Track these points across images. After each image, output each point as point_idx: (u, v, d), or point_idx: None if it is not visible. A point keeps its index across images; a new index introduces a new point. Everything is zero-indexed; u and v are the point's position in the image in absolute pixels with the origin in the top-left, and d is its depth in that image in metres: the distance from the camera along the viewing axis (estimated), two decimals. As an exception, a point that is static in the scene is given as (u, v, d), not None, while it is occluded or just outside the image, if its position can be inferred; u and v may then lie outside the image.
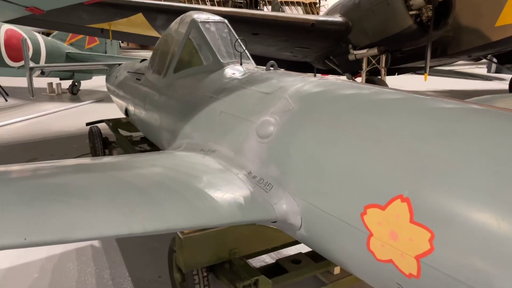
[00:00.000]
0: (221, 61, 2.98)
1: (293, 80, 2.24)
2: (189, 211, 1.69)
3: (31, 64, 5.49)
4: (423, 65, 9.21)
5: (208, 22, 3.25)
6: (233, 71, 2.84)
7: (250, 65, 3.05)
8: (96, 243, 3.41)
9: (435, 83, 14.64)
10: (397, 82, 10.49)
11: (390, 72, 9.39)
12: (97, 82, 11.87)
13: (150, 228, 1.58)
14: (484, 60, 12.34)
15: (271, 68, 2.66)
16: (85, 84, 11.52)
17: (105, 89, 11.36)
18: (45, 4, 3.49)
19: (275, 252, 2.96)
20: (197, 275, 2.28)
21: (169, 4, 6.89)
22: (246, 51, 3.08)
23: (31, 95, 5.16)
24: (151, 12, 6.51)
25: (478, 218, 1.12)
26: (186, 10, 5.37)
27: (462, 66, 18.32)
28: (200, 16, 3.27)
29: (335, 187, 1.55)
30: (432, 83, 14.59)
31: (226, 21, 3.33)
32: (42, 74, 5.69)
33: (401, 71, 10.19)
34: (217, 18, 3.34)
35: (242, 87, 2.49)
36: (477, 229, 1.11)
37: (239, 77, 2.67)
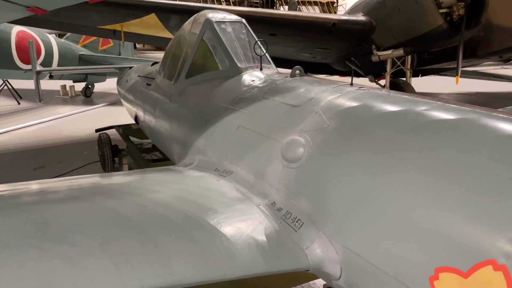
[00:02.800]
0: (239, 65, 2.63)
1: (325, 89, 1.87)
2: (200, 260, 1.34)
3: (39, 67, 5.24)
4: (450, 67, 8.72)
5: (224, 22, 2.90)
6: (252, 77, 2.48)
7: (272, 70, 2.69)
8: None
9: (459, 85, 14.04)
10: (422, 84, 10.02)
11: (414, 74, 8.93)
12: (111, 85, 11.65)
13: (149, 284, 1.23)
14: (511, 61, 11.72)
15: (297, 74, 2.29)
16: (98, 87, 11.33)
17: (118, 92, 11.16)
18: (47, 3, 3.20)
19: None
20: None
21: (183, 3, 6.58)
22: (266, 54, 2.72)
23: (39, 99, 4.90)
24: (164, 12, 6.21)
25: None
26: (200, 9, 5.05)
27: (486, 66, 17.59)
28: (215, 16, 2.93)
29: (392, 235, 1.18)
30: (456, 85, 14.00)
31: (243, 20, 2.99)
32: (51, 77, 5.47)
33: (424, 73, 9.72)
34: (234, 17, 2.99)
35: (263, 97, 2.12)
36: None
37: (260, 85, 2.31)
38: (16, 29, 7.66)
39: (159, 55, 22.54)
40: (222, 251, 1.38)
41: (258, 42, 2.71)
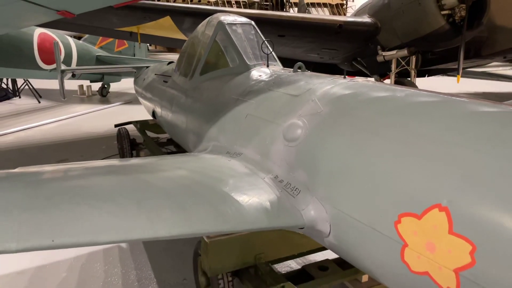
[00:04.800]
0: (248, 63, 2.94)
1: (322, 82, 2.18)
2: (215, 216, 1.65)
3: (63, 67, 5.64)
4: (455, 67, 8.93)
5: (235, 24, 3.22)
6: (260, 73, 2.80)
7: (277, 67, 3.00)
8: (123, 244, 3.44)
9: (467, 85, 14.19)
10: (428, 84, 10.20)
11: (420, 74, 9.14)
12: (126, 85, 12.12)
13: (175, 232, 1.55)
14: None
15: (299, 70, 2.61)
16: (114, 86, 11.78)
17: (134, 91, 11.62)
18: (76, 7, 3.56)
19: (301, 258, 2.90)
20: (222, 279, 2.25)
21: (196, 7, 6.93)
22: (273, 52, 3.04)
23: (63, 97, 5.29)
24: (178, 15, 6.56)
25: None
26: (213, 12, 5.39)
27: (495, 67, 17.65)
28: (226, 18, 3.25)
29: (367, 193, 1.49)
30: (464, 85, 14.14)
31: (253, 22, 3.30)
32: (73, 76, 5.85)
33: (431, 73, 9.91)
34: (244, 19, 3.31)
35: (269, 89, 2.44)
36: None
37: (266, 79, 2.63)
38: (38, 31, 8.10)
39: (170, 56, 23.04)
40: (233, 210, 1.70)
41: (266, 41, 3.02)
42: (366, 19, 7.36)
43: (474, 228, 1.13)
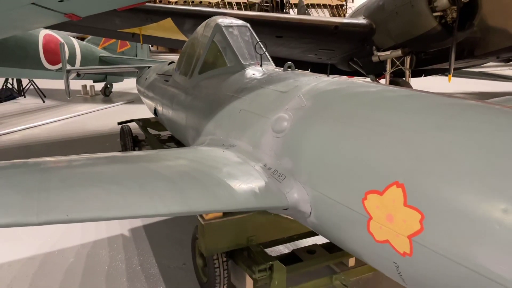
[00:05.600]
0: (243, 62, 3.17)
1: (308, 79, 2.40)
2: (209, 197, 1.87)
3: (68, 67, 5.87)
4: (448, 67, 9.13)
5: (231, 26, 3.45)
6: (253, 72, 3.02)
7: (270, 66, 3.22)
8: (126, 233, 3.67)
9: (464, 85, 14.38)
10: (424, 83, 10.40)
11: (417, 74, 9.34)
12: (128, 85, 12.36)
13: (174, 210, 1.78)
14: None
15: (289, 69, 2.83)
16: (116, 86, 12.02)
17: (136, 91, 11.82)
18: (82, 11, 3.79)
19: (291, 244, 3.12)
20: (217, 259, 2.47)
21: (196, 9, 7.16)
22: (266, 53, 3.26)
23: (68, 95, 5.52)
24: (179, 17, 6.79)
25: (465, 201, 1.24)
26: (212, 14, 5.60)
27: (493, 67, 17.83)
28: (224, 21, 3.48)
29: (340, 176, 1.71)
30: (461, 85, 14.34)
31: (248, 25, 3.52)
32: (78, 76, 6.08)
33: (428, 73, 10.09)
34: (240, 22, 3.53)
35: (261, 86, 2.66)
36: (463, 211, 1.23)
37: (259, 77, 2.85)
38: (43, 32, 8.35)
39: (172, 56, 23.27)
40: (225, 192, 1.92)
41: (259, 42, 3.25)
42: (361, 20, 7.57)
43: (423, 200, 1.35)
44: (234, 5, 23.47)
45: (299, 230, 2.68)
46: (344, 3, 26.19)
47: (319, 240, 2.90)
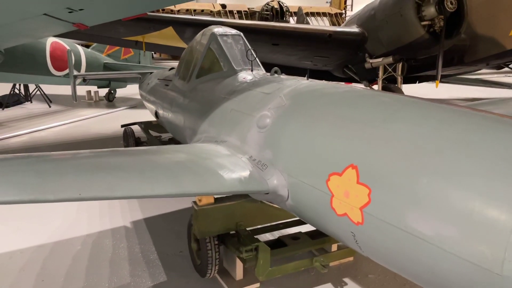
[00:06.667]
0: (235, 68, 3.49)
1: (290, 82, 2.72)
2: (200, 182, 2.19)
3: (75, 73, 6.22)
4: (444, 73, 9.44)
5: (226, 35, 3.78)
6: (245, 76, 3.34)
7: (260, 71, 3.54)
8: (128, 224, 3.98)
9: (458, 91, 14.69)
10: (417, 90, 10.71)
11: (411, 80, 9.67)
12: (131, 90, 12.74)
13: (170, 191, 2.09)
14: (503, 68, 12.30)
15: (275, 74, 3.15)
16: (120, 92, 12.40)
17: (138, 97, 12.15)
18: (90, 20, 4.13)
19: (278, 232, 3.41)
20: (209, 242, 2.77)
21: (195, 18, 7.54)
22: (257, 59, 3.58)
23: (75, 100, 5.86)
24: (180, 25, 7.16)
25: (400, 177, 1.55)
26: (210, 23, 5.95)
27: (489, 74, 18.16)
28: (219, 30, 3.81)
29: (309, 163, 2.02)
30: (456, 92, 14.65)
31: (241, 34, 3.85)
32: (84, 81, 6.41)
33: (422, 79, 10.40)
34: (234, 31, 3.86)
35: (249, 89, 2.98)
36: (398, 185, 1.54)
37: (248, 81, 3.17)
38: (51, 40, 8.73)
39: (173, 63, 23.65)
40: (214, 178, 2.23)
41: (251, 49, 3.57)
42: (354, 29, 7.92)
43: (371, 177, 1.66)
44: (235, 13, 23.95)
45: (283, 217, 2.98)
46: (344, 11, 26.68)
47: (304, 229, 3.20)
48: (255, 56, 3.54)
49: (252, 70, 3.47)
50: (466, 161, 1.39)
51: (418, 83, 10.55)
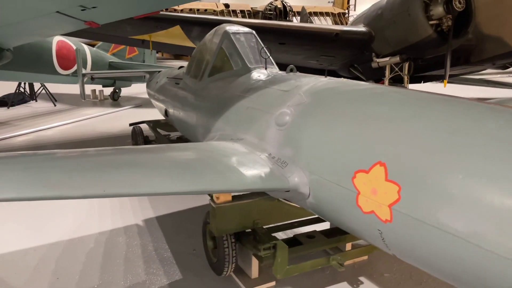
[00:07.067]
0: (249, 66, 3.49)
1: (308, 80, 2.71)
2: (222, 179, 2.18)
3: (84, 71, 6.22)
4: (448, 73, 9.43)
5: (238, 33, 3.77)
6: (259, 74, 3.34)
7: (274, 69, 3.54)
8: (140, 222, 3.97)
9: (464, 91, 14.66)
10: (424, 90, 10.67)
11: (416, 80, 9.66)
12: (136, 90, 12.74)
13: (192, 189, 2.09)
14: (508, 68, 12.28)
15: (291, 72, 3.15)
16: (125, 91, 12.40)
17: (143, 96, 12.15)
18: (102, 18, 4.12)
19: (291, 231, 3.40)
20: (226, 240, 2.76)
21: (203, 17, 7.53)
22: (270, 57, 3.57)
23: (83, 98, 5.86)
24: (187, 24, 7.15)
25: (431, 174, 1.54)
26: (218, 22, 5.94)
27: (494, 75, 18.13)
28: (231, 28, 3.80)
29: (333, 160, 2.01)
30: (460, 91, 14.63)
31: (253, 32, 3.84)
32: (92, 80, 6.42)
33: (427, 79, 10.39)
34: (246, 29, 3.85)
35: (266, 86, 2.98)
36: (430, 182, 1.53)
37: (264, 79, 3.17)
38: (57, 38, 8.73)
39: (177, 63, 23.69)
40: (235, 176, 2.22)
41: (264, 48, 3.57)
42: (361, 28, 7.91)
43: (400, 175, 1.65)
44: (238, 13, 23.93)
45: (299, 215, 2.97)
46: (346, 11, 26.68)
47: (318, 227, 3.20)
48: (268, 54, 3.53)
49: (266, 68, 3.47)
50: (501, 157, 1.39)
51: (423, 83, 10.55)
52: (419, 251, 1.61)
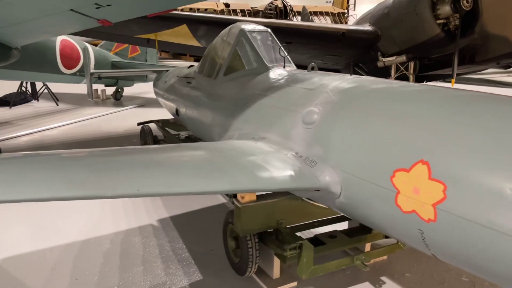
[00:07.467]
0: (267, 64, 3.45)
1: (332, 78, 2.68)
2: (252, 178, 2.15)
3: (91, 70, 6.16)
4: (451, 72, 9.44)
5: (254, 31, 3.74)
6: (278, 72, 3.31)
7: (292, 68, 3.51)
8: (155, 222, 3.93)
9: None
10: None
11: (419, 80, 9.65)
12: (138, 89, 12.68)
13: (224, 188, 2.05)
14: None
15: (312, 70, 3.12)
16: (127, 91, 12.33)
17: (146, 95, 12.09)
18: (115, 17, 4.07)
19: (309, 231, 3.37)
20: (250, 240, 2.73)
21: (210, 16, 7.48)
22: (288, 56, 3.54)
23: (91, 97, 5.80)
24: (194, 23, 7.10)
25: (480, 172, 1.51)
26: (226, 21, 5.91)
27: (493, 74, 18.20)
28: (247, 26, 3.77)
29: (369, 158, 1.98)
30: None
31: (269, 30, 3.81)
32: (99, 79, 6.35)
33: (429, 79, 10.40)
34: (262, 28, 3.82)
35: (288, 85, 2.94)
36: (479, 180, 1.51)
37: (284, 77, 3.13)
38: (60, 37, 8.66)
39: (176, 62, 23.64)
40: (266, 174, 2.19)
41: (281, 47, 3.54)
42: (367, 27, 7.89)
43: (445, 173, 1.62)
44: (239, 12, 23.86)
45: (321, 215, 2.94)
46: (346, 11, 26.71)
47: (336, 227, 3.17)
48: (285, 53, 3.50)
49: (284, 67, 3.44)
50: (557, 156, 1.36)
51: (426, 82, 10.56)
52: (466, 252, 1.59)
